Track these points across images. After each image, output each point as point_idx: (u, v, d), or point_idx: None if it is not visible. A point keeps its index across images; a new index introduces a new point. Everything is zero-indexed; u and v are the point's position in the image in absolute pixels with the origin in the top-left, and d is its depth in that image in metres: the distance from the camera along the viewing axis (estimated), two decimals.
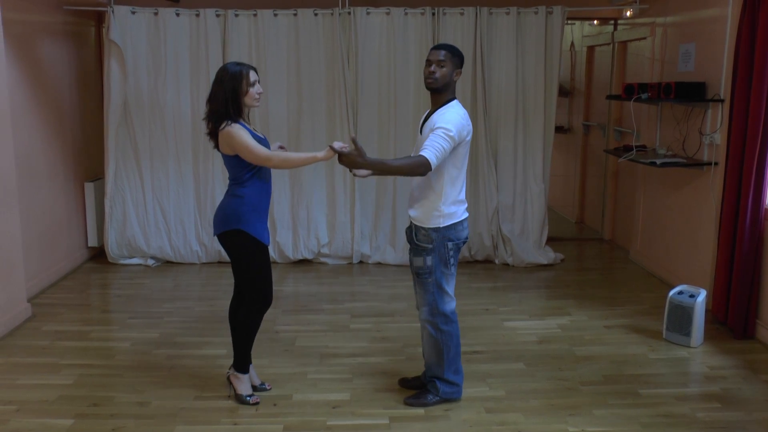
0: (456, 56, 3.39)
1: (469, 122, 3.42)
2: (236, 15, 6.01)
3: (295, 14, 6.04)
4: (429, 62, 3.39)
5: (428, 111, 3.50)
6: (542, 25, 6.08)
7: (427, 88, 3.42)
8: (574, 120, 8.34)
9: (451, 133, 3.25)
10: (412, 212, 3.50)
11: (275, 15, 6.03)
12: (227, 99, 3.39)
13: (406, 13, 6.05)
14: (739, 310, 4.49)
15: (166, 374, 4.01)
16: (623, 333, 4.68)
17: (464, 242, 3.54)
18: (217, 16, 6.01)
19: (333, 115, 6.16)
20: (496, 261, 6.39)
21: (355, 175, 3.41)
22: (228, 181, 3.59)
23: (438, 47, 3.42)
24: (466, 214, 3.53)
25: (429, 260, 3.44)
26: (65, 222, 6.01)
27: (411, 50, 6.07)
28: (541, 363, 4.19)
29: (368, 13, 6.05)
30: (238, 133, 3.36)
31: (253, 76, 3.44)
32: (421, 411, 3.58)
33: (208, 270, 6.19)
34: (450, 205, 3.42)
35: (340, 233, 6.34)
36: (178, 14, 5.99)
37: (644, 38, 6.34)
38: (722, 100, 4.89)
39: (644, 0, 6.14)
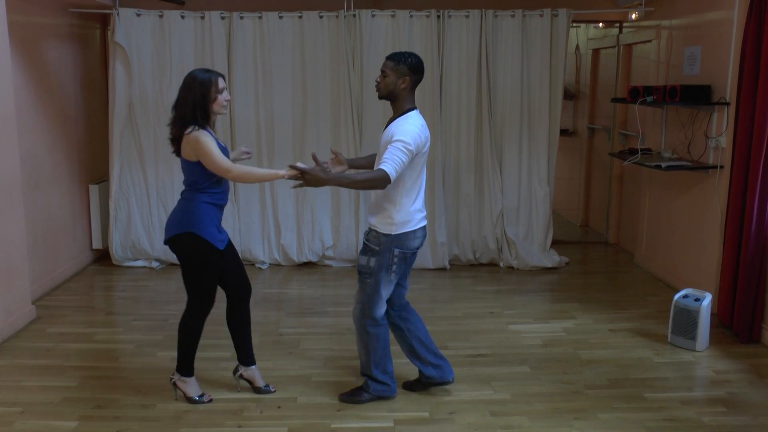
0: (402, 64, 3.42)
1: (427, 133, 3.45)
2: (241, 17, 6.02)
3: (300, 17, 6.04)
4: None
5: (389, 118, 3.53)
6: (547, 28, 6.08)
7: (378, 97, 3.53)
8: (579, 123, 8.33)
9: (410, 147, 3.30)
10: (370, 216, 3.56)
11: (280, 17, 6.04)
12: (196, 105, 3.39)
13: (411, 16, 6.05)
14: (745, 314, 4.48)
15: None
16: (628, 336, 4.67)
17: (413, 252, 3.56)
18: (222, 18, 6.02)
19: (338, 117, 6.17)
20: (501, 264, 6.38)
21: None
22: (184, 186, 3.56)
23: (387, 57, 3.49)
24: (422, 224, 3.54)
25: (372, 261, 3.48)
26: (70, 224, 6.02)
27: (416, 53, 6.04)
28: (546, 366, 4.18)
29: (373, 16, 6.05)
30: (205, 140, 3.36)
31: (221, 83, 3.47)
32: (425, 414, 3.58)
33: None
34: (403, 215, 3.44)
35: (344, 236, 6.34)
36: (183, 17, 6.00)
37: (649, 41, 6.33)
38: (728, 104, 4.88)
39: (650, 2, 6.13)
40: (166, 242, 3.56)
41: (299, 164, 3.27)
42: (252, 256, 6.36)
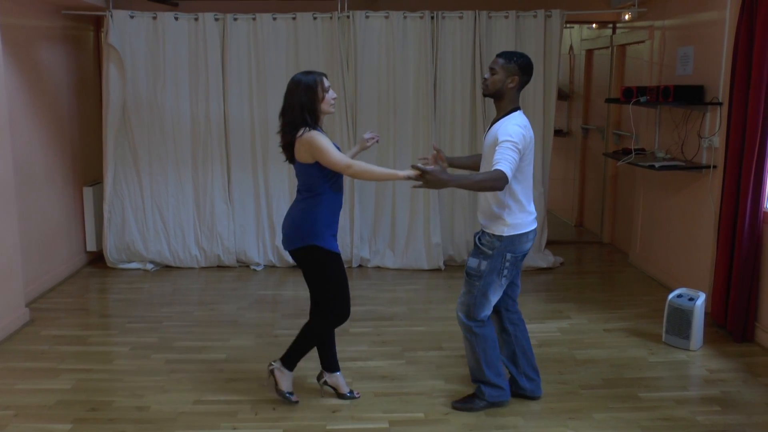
0: (512, 63, 3.37)
1: (531, 133, 3.41)
2: (235, 19, 6.01)
3: (294, 18, 6.04)
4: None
5: (493, 118, 3.50)
6: (541, 29, 6.09)
7: (482, 94, 3.51)
8: (573, 123, 8.35)
9: (519, 146, 3.26)
10: (482, 219, 3.53)
11: (274, 19, 6.04)
12: (303, 107, 3.35)
13: (405, 17, 6.05)
14: (739, 313, 4.49)
15: (165, 379, 4.00)
16: (623, 336, 4.68)
17: (524, 256, 3.53)
18: (216, 20, 6.01)
19: (332, 118, 6.15)
20: None
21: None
22: (298, 190, 3.51)
23: (497, 54, 3.45)
24: (534, 226, 3.51)
25: (483, 265, 3.44)
26: (64, 226, 6.01)
27: (410, 54, 6.07)
28: (541, 366, 4.15)
29: (367, 17, 6.05)
30: (319, 139, 3.32)
31: (326, 82, 3.43)
32: (420, 415, 3.58)
33: (207, 274, 6.18)
34: (514, 216, 3.41)
35: (339, 237, 6.29)
36: (176, 18, 6.00)
37: (643, 41, 6.35)
38: (720, 104, 4.90)
39: (643, 3, 6.15)
40: (287, 250, 3.55)
41: (420, 165, 3.19)
42: (247, 257, 6.35)
